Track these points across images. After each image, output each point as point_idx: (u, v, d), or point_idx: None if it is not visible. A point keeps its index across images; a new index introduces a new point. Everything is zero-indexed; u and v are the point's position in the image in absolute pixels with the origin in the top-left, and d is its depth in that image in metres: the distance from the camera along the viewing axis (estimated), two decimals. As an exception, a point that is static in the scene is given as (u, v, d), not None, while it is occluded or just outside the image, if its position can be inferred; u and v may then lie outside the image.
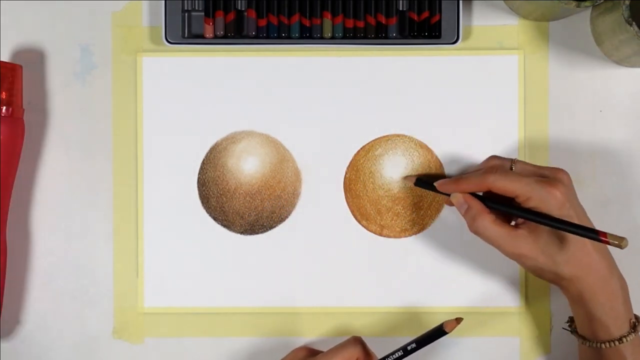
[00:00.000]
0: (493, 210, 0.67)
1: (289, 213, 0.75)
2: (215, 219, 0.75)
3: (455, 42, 0.73)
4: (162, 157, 0.75)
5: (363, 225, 0.75)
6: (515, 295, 0.75)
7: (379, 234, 0.75)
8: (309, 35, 0.74)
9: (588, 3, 0.67)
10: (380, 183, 0.75)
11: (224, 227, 0.75)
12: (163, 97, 0.75)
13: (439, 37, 0.73)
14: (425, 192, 0.74)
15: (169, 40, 0.73)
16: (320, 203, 0.75)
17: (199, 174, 0.75)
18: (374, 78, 0.75)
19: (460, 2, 0.73)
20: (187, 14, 0.74)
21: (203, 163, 0.75)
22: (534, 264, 0.66)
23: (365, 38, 0.74)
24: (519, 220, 0.68)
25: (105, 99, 0.75)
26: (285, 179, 0.75)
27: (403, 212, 0.75)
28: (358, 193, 0.75)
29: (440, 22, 0.73)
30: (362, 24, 0.74)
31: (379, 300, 0.75)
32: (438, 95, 0.75)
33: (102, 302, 0.75)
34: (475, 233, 0.67)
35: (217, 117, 0.75)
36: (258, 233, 0.75)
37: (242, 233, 0.75)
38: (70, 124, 0.75)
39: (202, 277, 0.75)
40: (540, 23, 0.75)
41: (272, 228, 0.75)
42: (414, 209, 0.75)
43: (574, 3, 0.67)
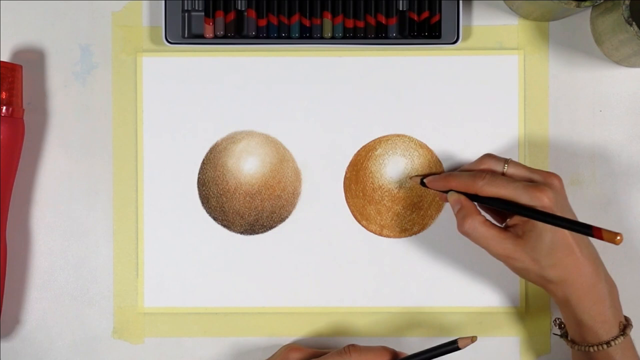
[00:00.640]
0: (486, 210, 0.68)
1: (289, 213, 0.75)
2: (215, 219, 0.75)
3: (455, 42, 0.73)
4: (162, 157, 0.75)
5: (363, 225, 0.75)
6: (515, 295, 0.75)
7: (379, 234, 0.75)
8: (309, 35, 0.74)
9: (588, 3, 0.67)
10: (380, 183, 0.75)
11: (224, 227, 0.75)
12: (163, 97, 0.75)
13: (439, 37, 0.73)
14: (425, 192, 0.74)
15: (169, 40, 0.73)
16: (320, 203, 0.75)
17: (199, 174, 0.75)
18: (374, 78, 0.75)
19: (460, 2, 0.73)
20: (187, 14, 0.74)
21: (203, 163, 0.75)
22: (521, 266, 0.66)
23: (365, 38, 0.74)
24: (510, 223, 0.68)
25: (105, 99, 0.75)
26: (285, 179, 0.75)
27: (403, 212, 0.75)
28: (358, 193, 0.75)
29: (440, 22, 0.73)
30: (362, 24, 0.74)
31: (379, 300, 0.75)
32: (438, 95, 0.75)
33: (102, 302, 0.75)
34: (464, 233, 0.67)
35: (217, 117, 0.75)
36: (258, 233, 0.75)
37: (242, 233, 0.75)
38: (70, 124, 0.75)
39: (202, 277, 0.75)
40: (540, 23, 0.75)
41: (272, 228, 0.75)
42: (414, 209, 0.75)
43: (574, 3, 0.67)
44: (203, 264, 0.75)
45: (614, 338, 0.65)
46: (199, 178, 0.75)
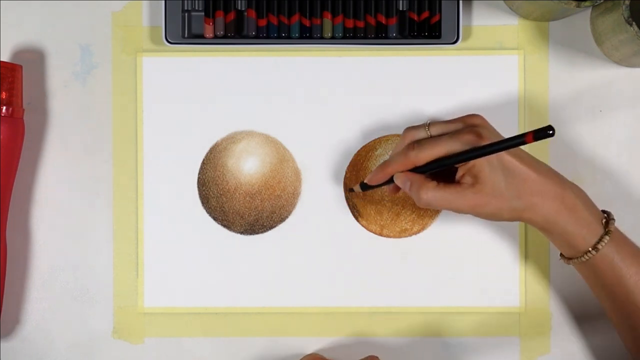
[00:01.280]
0: (433, 175, 0.67)
1: (289, 213, 0.75)
2: (215, 219, 0.75)
3: (455, 42, 0.73)
4: (162, 157, 0.75)
5: (363, 225, 0.75)
6: (515, 295, 0.75)
7: (379, 234, 0.75)
8: (309, 35, 0.74)
9: (588, 3, 0.67)
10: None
11: (224, 227, 0.75)
12: (163, 97, 0.75)
13: (439, 37, 0.73)
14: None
15: (169, 40, 0.73)
16: (320, 203, 0.75)
17: (199, 174, 0.75)
18: (374, 78, 0.75)
19: (460, 2, 0.73)
20: (187, 14, 0.74)
21: (203, 163, 0.75)
22: (490, 210, 0.65)
23: (365, 38, 0.74)
24: (458, 177, 0.66)
25: (105, 99, 0.75)
26: (285, 179, 0.75)
27: (403, 212, 0.75)
28: (358, 193, 0.75)
29: (440, 22, 0.73)
30: (362, 24, 0.74)
31: (379, 300, 0.75)
32: (438, 95, 0.75)
33: (102, 302, 0.75)
34: (425, 204, 0.66)
35: (217, 117, 0.75)
36: (258, 233, 0.75)
37: (242, 233, 0.75)
38: (70, 124, 0.75)
39: (202, 277, 0.75)
40: (540, 23, 0.75)
41: (272, 228, 0.75)
42: (414, 209, 0.75)
43: (574, 3, 0.67)
44: (203, 264, 0.75)
45: (602, 236, 0.65)
46: (199, 178, 0.75)
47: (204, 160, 0.75)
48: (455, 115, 0.70)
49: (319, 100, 0.75)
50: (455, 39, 0.73)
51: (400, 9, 0.74)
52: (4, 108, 0.71)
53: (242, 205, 0.75)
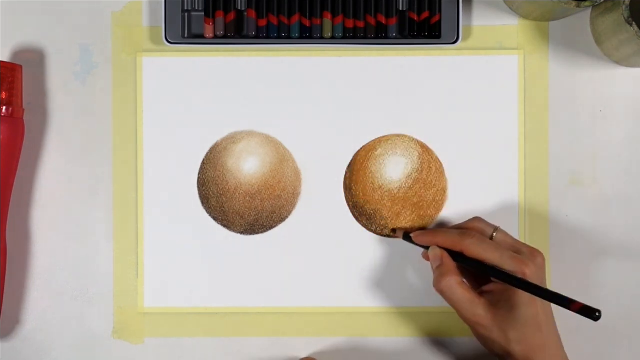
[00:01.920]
0: (464, 272, 0.68)
1: (289, 213, 0.75)
2: (215, 219, 0.75)
3: (455, 42, 0.73)
4: (162, 157, 0.75)
5: (363, 225, 0.75)
6: (515, 295, 0.75)
7: (379, 234, 0.75)
8: (309, 35, 0.74)
9: (588, 3, 0.67)
10: (380, 183, 0.75)
11: (224, 227, 0.75)
12: (163, 97, 0.75)
13: (439, 37, 0.73)
14: (426, 192, 0.74)
15: (169, 40, 0.73)
16: (320, 203, 0.75)
17: (199, 174, 0.75)
18: (374, 78, 0.75)
19: (460, 2, 0.73)
20: (187, 14, 0.74)
21: (203, 163, 0.75)
22: (488, 335, 0.66)
23: (365, 38, 0.74)
24: (486, 289, 0.67)
25: (105, 99, 0.75)
26: (285, 179, 0.75)
27: (403, 212, 0.75)
28: (358, 193, 0.75)
29: (440, 22, 0.73)
30: (362, 24, 0.74)
31: (379, 300, 0.75)
32: (438, 95, 0.75)
33: (102, 302, 0.75)
34: (439, 290, 0.67)
35: (217, 117, 0.75)
36: (258, 233, 0.75)
37: (242, 233, 0.75)
38: (70, 124, 0.75)
39: (201, 277, 0.75)
40: (540, 23, 0.75)
41: (272, 228, 0.75)
42: (414, 209, 0.75)
43: (574, 3, 0.67)
44: (203, 264, 0.75)
45: None
46: (199, 178, 0.75)
47: (204, 160, 0.75)
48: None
49: (319, 100, 0.75)
50: (455, 39, 0.73)
51: (400, 9, 0.74)
52: (4, 108, 0.71)
53: (242, 205, 0.75)
